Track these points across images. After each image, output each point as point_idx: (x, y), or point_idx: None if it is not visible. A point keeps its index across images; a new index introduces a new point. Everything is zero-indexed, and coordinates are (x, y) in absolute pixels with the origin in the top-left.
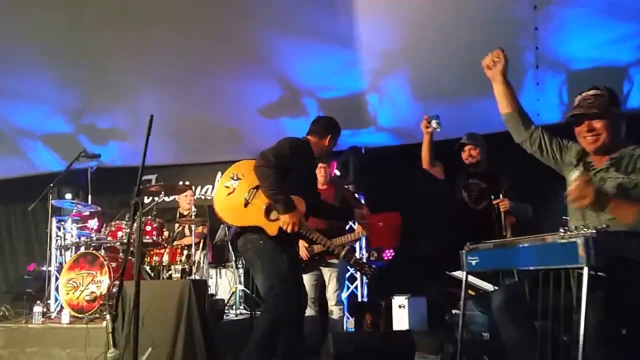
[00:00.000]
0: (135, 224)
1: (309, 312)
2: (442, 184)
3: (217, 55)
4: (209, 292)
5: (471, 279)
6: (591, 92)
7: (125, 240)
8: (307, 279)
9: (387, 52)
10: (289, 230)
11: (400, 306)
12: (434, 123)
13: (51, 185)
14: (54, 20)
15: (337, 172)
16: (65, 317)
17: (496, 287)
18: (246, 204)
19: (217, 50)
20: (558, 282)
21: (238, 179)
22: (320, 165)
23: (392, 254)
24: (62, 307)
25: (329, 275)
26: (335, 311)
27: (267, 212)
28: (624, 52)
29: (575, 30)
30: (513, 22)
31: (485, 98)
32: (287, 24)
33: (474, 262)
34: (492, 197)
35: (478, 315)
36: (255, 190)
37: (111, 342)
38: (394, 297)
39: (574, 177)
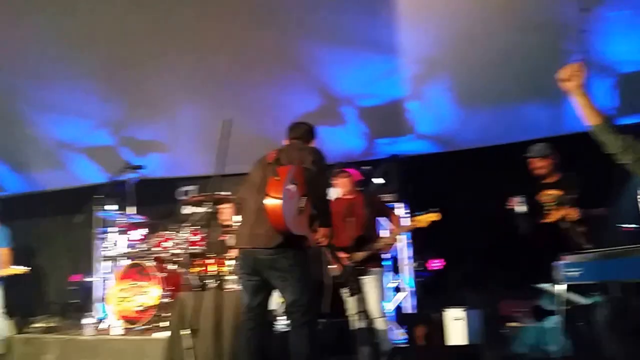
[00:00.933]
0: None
1: (357, 325)
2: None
3: (255, 65)
4: None
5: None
6: None
7: (172, 250)
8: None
9: (429, 59)
10: (324, 243)
11: (456, 319)
12: None
13: (100, 196)
14: (97, 35)
15: (380, 180)
16: (117, 329)
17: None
18: (300, 212)
19: (255, 60)
20: None
21: (294, 184)
22: (342, 175)
23: (439, 264)
24: (112, 319)
25: (369, 285)
26: (380, 323)
27: (311, 222)
28: None
29: (623, 32)
30: (559, 26)
31: (530, 104)
32: (327, 31)
33: (576, 274)
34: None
35: (531, 328)
36: (305, 198)
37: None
38: (449, 309)
39: None
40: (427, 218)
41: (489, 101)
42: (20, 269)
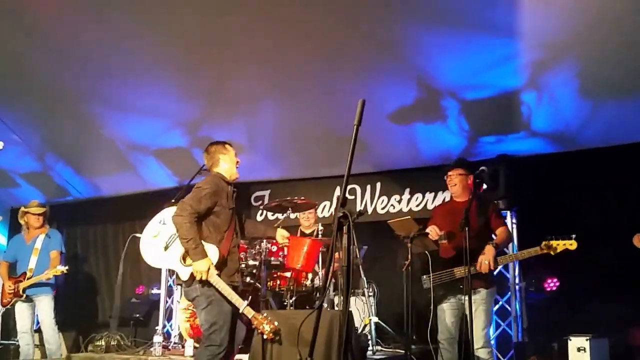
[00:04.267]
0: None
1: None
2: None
3: (344, 56)
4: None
5: None
6: None
7: (249, 262)
8: (447, 310)
9: (552, 43)
10: (201, 278)
11: (579, 349)
12: None
13: (171, 201)
14: (176, 33)
15: (485, 186)
16: (189, 348)
17: None
18: (166, 248)
19: (344, 51)
20: None
21: (164, 223)
22: (452, 172)
23: (556, 284)
24: (181, 336)
25: (476, 305)
26: (483, 353)
27: (184, 258)
28: None
29: None
30: None
31: None
32: (430, 12)
33: None
34: None
35: None
36: (175, 236)
37: None
38: (571, 337)
39: None
40: (562, 245)
41: (620, 91)
42: (61, 269)
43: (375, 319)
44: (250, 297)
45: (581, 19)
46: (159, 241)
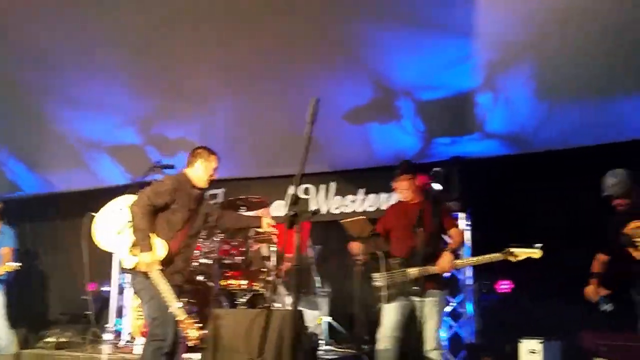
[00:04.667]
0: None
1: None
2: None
3: (299, 55)
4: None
5: None
6: None
7: (201, 260)
8: (395, 309)
9: (508, 44)
10: (142, 270)
11: (531, 352)
12: None
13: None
14: (127, 27)
15: (437, 186)
16: (138, 347)
17: None
18: (119, 233)
19: (300, 49)
20: None
21: (121, 209)
22: (397, 183)
23: (510, 287)
24: (131, 334)
25: (429, 307)
26: (434, 356)
27: (133, 247)
28: None
29: None
30: None
31: (629, 99)
32: (386, 12)
33: None
34: None
35: None
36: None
37: None
38: (524, 340)
39: None
40: (526, 253)
41: (577, 94)
42: (13, 266)
43: (327, 319)
44: (200, 296)
45: (537, 20)
46: (113, 225)
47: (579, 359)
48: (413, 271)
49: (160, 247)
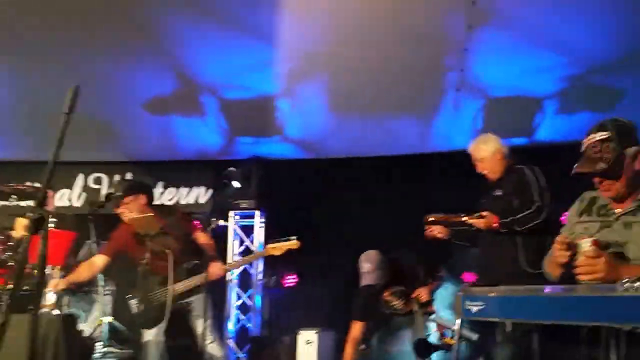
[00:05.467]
0: None
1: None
2: None
3: (96, 36)
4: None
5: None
6: (598, 135)
7: None
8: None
9: (309, 55)
10: None
11: (307, 342)
12: None
13: None
14: None
15: (235, 184)
16: None
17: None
18: None
19: (96, 30)
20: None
21: None
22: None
23: (295, 280)
24: None
25: (198, 306)
26: (213, 348)
27: None
28: (542, 84)
29: (502, 56)
30: (444, 41)
31: (402, 117)
32: (194, 6)
33: (475, 309)
34: None
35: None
36: None
37: None
38: (301, 331)
39: (584, 247)
40: (284, 246)
41: (362, 110)
42: None
43: (108, 319)
44: None
45: (335, 35)
46: None
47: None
48: (178, 286)
49: None
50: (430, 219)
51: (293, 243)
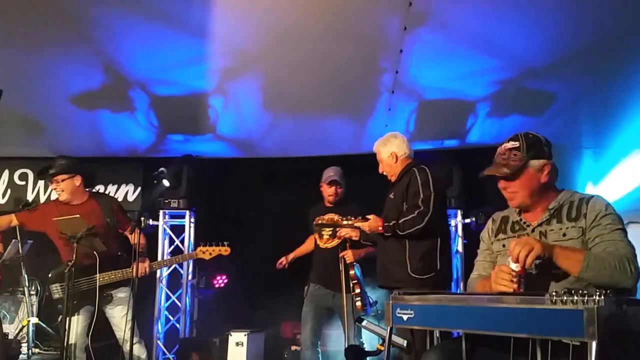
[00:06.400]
0: None
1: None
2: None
3: (17, 22)
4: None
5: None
6: (509, 144)
7: None
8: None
9: (241, 53)
10: None
11: (237, 343)
12: None
13: None
14: None
15: (165, 183)
16: None
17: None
18: None
19: (17, 16)
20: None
21: None
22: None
23: (225, 281)
24: None
25: (119, 306)
26: (138, 350)
27: None
28: (475, 87)
29: (437, 58)
30: (380, 42)
31: (336, 118)
32: None
33: (405, 317)
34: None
35: None
36: None
37: None
38: (232, 332)
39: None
40: (214, 251)
41: (296, 109)
42: None
43: (34, 320)
44: None
45: (271, 33)
46: None
47: (279, 347)
48: (103, 277)
49: None
50: (319, 221)
51: (224, 249)
